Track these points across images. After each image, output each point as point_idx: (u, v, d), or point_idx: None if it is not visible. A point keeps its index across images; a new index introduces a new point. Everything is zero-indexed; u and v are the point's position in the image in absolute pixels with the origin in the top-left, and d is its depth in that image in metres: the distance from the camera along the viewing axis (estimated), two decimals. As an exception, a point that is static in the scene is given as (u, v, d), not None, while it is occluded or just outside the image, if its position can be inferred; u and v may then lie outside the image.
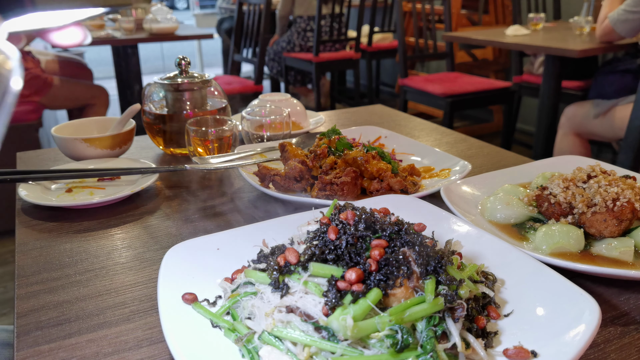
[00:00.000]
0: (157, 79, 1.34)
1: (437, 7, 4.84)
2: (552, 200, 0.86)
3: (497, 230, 0.88)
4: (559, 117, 3.14)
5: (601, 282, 0.76)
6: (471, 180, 1.02)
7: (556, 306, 0.61)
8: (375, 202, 0.87)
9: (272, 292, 0.60)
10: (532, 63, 3.87)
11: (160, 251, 0.87)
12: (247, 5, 4.25)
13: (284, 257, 0.61)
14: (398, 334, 0.54)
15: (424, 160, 1.22)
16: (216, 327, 0.62)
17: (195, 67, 8.17)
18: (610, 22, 2.63)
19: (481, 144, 1.43)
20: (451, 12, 4.27)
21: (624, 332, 0.66)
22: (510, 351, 0.56)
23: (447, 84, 3.73)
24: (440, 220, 0.83)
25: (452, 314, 0.57)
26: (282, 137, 1.32)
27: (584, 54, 2.71)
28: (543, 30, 3.50)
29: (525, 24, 3.78)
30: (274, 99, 1.51)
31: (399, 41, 3.91)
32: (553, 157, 1.15)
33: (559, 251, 0.79)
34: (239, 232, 0.80)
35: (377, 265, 0.58)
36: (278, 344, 0.56)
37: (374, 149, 1.11)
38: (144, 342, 0.64)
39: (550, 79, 3.10)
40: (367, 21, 5.37)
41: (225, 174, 1.23)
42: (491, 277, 0.68)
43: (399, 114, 1.77)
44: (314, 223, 0.68)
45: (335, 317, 0.54)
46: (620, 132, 2.74)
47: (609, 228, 0.80)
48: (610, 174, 0.90)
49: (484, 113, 5.34)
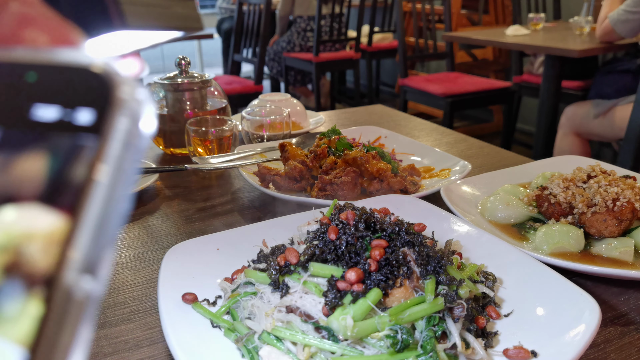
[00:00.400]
0: (157, 79, 1.34)
1: (437, 7, 4.84)
2: (552, 200, 0.86)
3: (497, 230, 0.88)
4: (559, 117, 3.14)
5: (601, 282, 0.76)
6: (471, 180, 1.02)
7: (556, 306, 0.61)
8: (375, 202, 0.87)
9: (272, 292, 0.60)
10: (532, 63, 3.87)
11: (160, 251, 0.87)
12: (247, 5, 4.25)
13: (284, 257, 0.61)
14: (398, 334, 0.54)
15: (424, 160, 1.22)
16: (216, 327, 0.62)
17: (195, 67, 8.17)
18: (610, 22, 2.62)
19: (481, 144, 1.43)
20: (451, 12, 4.27)
21: (624, 332, 0.66)
22: (510, 351, 0.56)
23: (447, 84, 3.73)
24: (440, 220, 0.82)
25: (452, 314, 0.57)
26: (282, 137, 1.31)
27: (584, 54, 2.71)
28: (543, 30, 3.50)
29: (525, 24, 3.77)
30: (274, 99, 1.50)
31: (399, 41, 3.91)
32: (553, 157, 1.15)
33: (559, 251, 0.79)
34: (239, 232, 0.80)
35: (377, 265, 0.58)
36: (278, 344, 0.56)
37: (374, 149, 1.11)
38: (144, 342, 0.64)
39: (550, 79, 3.10)
40: (367, 21, 5.36)
41: (225, 174, 1.23)
42: (491, 277, 0.68)
43: (399, 114, 1.77)
44: (314, 223, 0.68)
45: (335, 317, 0.54)
46: (620, 132, 2.74)
47: (609, 228, 0.80)
48: (610, 174, 0.90)
49: (484, 113, 5.34)
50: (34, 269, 0.17)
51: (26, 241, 0.18)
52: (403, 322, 0.54)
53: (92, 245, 0.18)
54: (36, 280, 0.17)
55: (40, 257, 0.17)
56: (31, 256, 0.17)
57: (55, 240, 0.18)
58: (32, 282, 0.17)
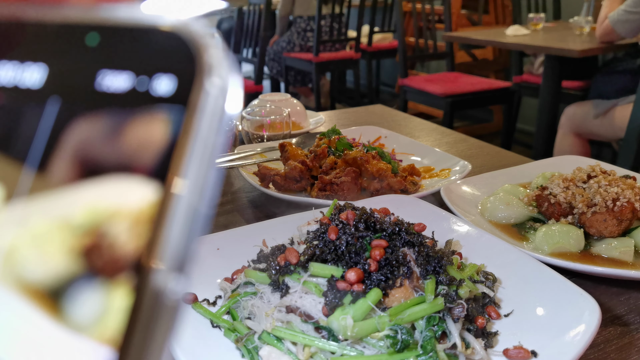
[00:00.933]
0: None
1: (437, 7, 4.83)
2: (552, 200, 0.86)
3: (497, 230, 0.87)
4: (559, 117, 3.14)
5: (601, 282, 0.76)
6: (471, 180, 1.02)
7: (556, 306, 0.61)
8: (375, 202, 0.87)
9: (272, 292, 0.60)
10: (532, 63, 3.87)
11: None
12: (247, 5, 4.25)
13: (284, 257, 0.61)
14: (398, 334, 0.54)
15: (424, 160, 1.22)
16: (216, 327, 0.62)
17: (195, 67, 8.15)
18: (610, 22, 2.62)
19: (481, 144, 1.43)
20: (451, 12, 4.27)
21: (624, 332, 0.66)
22: (511, 351, 0.56)
23: (447, 84, 3.73)
24: (440, 220, 0.82)
25: (452, 314, 0.57)
26: (282, 137, 1.31)
27: (584, 54, 2.71)
28: (543, 30, 3.50)
29: (525, 24, 3.77)
30: (274, 99, 1.50)
31: (399, 41, 3.91)
32: (553, 157, 1.15)
33: (559, 251, 0.79)
34: (239, 232, 0.80)
35: (377, 265, 0.58)
36: (278, 344, 0.56)
37: (374, 149, 1.11)
38: (144, 342, 0.64)
39: (550, 79, 3.10)
40: (367, 21, 5.36)
41: (225, 174, 1.23)
42: (491, 277, 0.68)
43: (399, 114, 1.76)
44: (314, 223, 0.68)
45: (335, 317, 0.54)
46: (620, 132, 2.74)
47: (609, 228, 0.80)
48: (610, 174, 0.90)
49: (484, 113, 5.33)
50: (119, 255, 0.15)
51: (111, 221, 0.15)
52: (403, 322, 0.54)
53: (182, 236, 0.15)
54: (121, 270, 0.15)
55: (126, 242, 0.15)
56: (116, 239, 0.15)
57: (143, 223, 0.15)
58: (115, 271, 0.15)
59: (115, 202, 0.15)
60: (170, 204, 0.15)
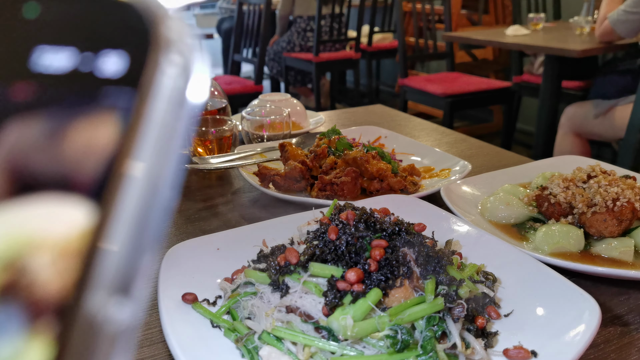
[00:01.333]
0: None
1: (437, 7, 4.83)
2: (552, 200, 0.86)
3: (497, 230, 0.87)
4: (559, 117, 3.14)
5: (601, 282, 0.76)
6: (471, 180, 1.02)
7: (556, 306, 0.61)
8: (375, 202, 0.87)
9: (272, 292, 0.60)
10: (532, 63, 3.87)
11: (160, 251, 0.87)
12: (247, 5, 4.25)
13: (284, 257, 0.61)
14: (398, 334, 0.54)
15: (424, 160, 1.22)
16: (216, 327, 0.62)
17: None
18: (610, 22, 2.62)
19: (481, 144, 1.43)
20: (451, 12, 4.27)
21: (624, 332, 0.66)
22: (511, 351, 0.56)
23: (447, 84, 3.73)
24: (440, 220, 0.82)
25: (452, 314, 0.57)
26: (282, 137, 1.31)
27: (584, 54, 2.71)
28: (543, 30, 3.50)
29: (525, 24, 3.77)
30: (274, 99, 1.50)
31: (399, 41, 3.91)
32: (553, 157, 1.15)
33: (559, 251, 0.79)
34: (239, 232, 0.80)
35: (377, 265, 0.58)
36: (278, 344, 0.56)
37: (374, 149, 1.11)
38: (144, 342, 0.64)
39: (550, 79, 3.10)
40: (367, 21, 5.36)
41: (225, 174, 1.23)
42: (491, 277, 0.68)
43: (399, 114, 1.76)
44: (314, 223, 0.68)
45: (335, 317, 0.54)
46: (620, 132, 2.74)
47: (609, 228, 0.80)
48: (610, 174, 0.90)
49: (484, 113, 5.33)
50: (44, 290, 0.12)
51: (32, 252, 0.12)
52: (403, 322, 0.54)
53: (126, 251, 0.13)
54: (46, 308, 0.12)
55: (53, 274, 0.12)
56: (39, 273, 0.12)
57: (72, 246, 0.12)
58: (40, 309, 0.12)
59: (42, 226, 0.13)
60: (112, 216, 0.13)
